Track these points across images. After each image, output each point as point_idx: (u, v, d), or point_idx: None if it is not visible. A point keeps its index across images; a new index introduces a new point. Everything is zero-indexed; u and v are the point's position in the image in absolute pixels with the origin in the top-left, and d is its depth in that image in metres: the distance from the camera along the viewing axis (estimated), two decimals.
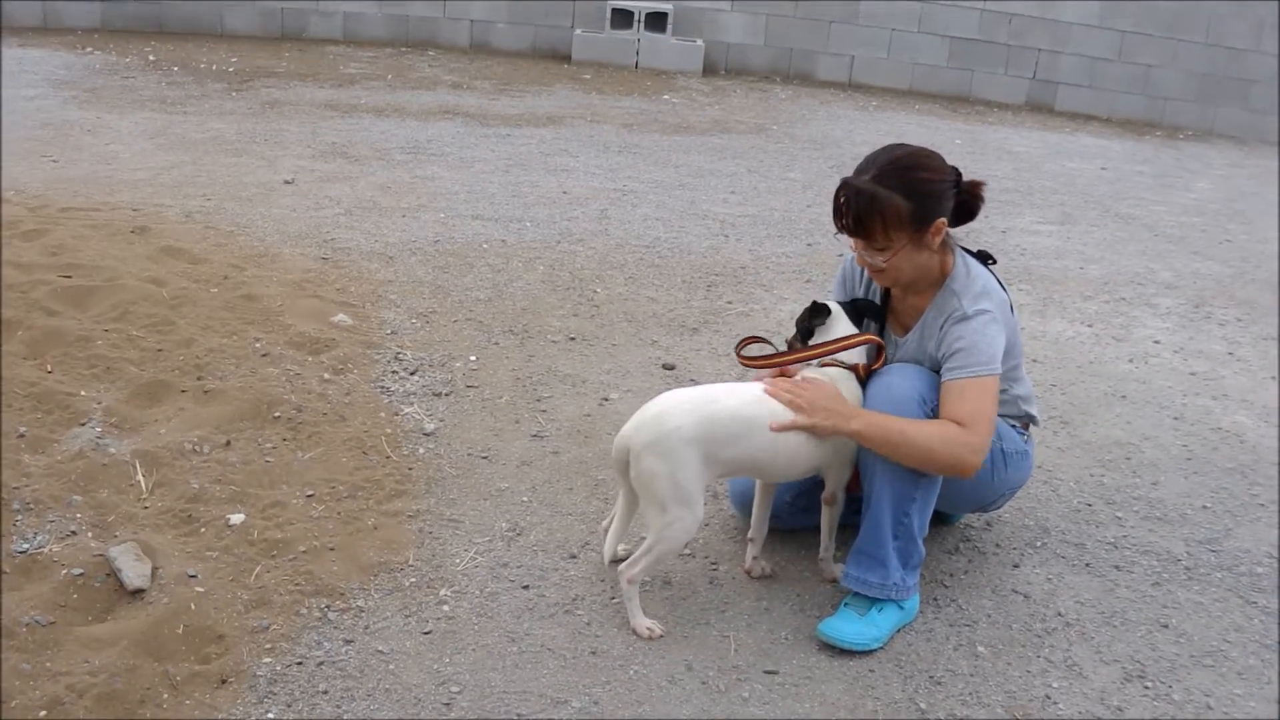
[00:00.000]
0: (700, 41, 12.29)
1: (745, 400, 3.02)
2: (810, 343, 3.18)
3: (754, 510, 3.28)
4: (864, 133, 10.05)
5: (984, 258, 3.24)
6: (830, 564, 3.31)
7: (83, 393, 3.85)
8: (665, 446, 2.90)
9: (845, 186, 3.00)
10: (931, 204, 2.99)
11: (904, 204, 2.96)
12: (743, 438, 2.98)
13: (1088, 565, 3.54)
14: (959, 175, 3.07)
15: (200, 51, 10.89)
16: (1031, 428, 3.41)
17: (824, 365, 3.13)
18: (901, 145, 3.10)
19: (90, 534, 3.16)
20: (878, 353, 3.19)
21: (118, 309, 4.43)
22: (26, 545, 3.05)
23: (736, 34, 12.52)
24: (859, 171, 3.02)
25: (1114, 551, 3.64)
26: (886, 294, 3.30)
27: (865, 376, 3.12)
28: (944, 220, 3.02)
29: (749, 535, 3.31)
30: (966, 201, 3.08)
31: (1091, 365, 5.21)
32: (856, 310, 3.24)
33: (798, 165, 8.68)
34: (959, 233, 3.16)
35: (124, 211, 5.87)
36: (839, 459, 3.12)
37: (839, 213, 3.02)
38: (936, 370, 3.07)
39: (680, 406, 2.97)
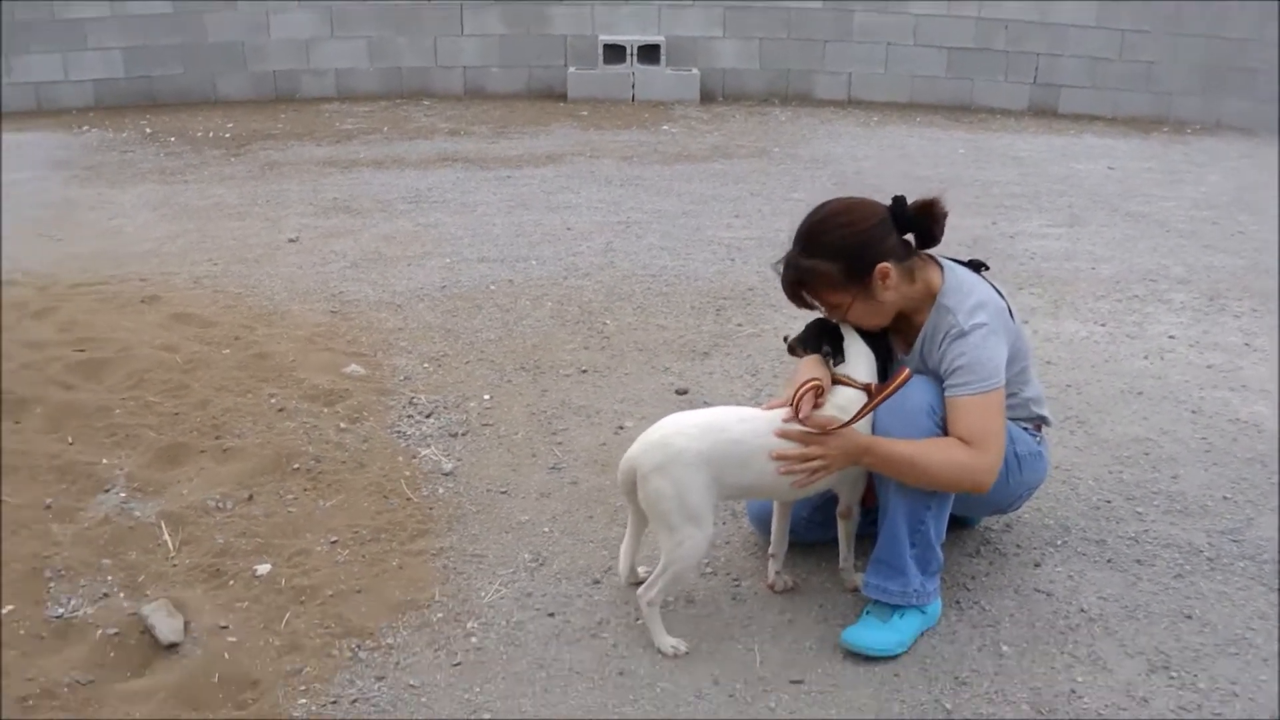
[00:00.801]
0: (695, 70, 12.34)
1: (754, 429, 3.02)
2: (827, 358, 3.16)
3: (773, 527, 3.30)
4: (866, 148, 10.07)
5: (976, 266, 3.23)
6: (851, 573, 3.33)
7: (104, 461, 3.91)
8: (672, 469, 2.92)
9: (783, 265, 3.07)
10: (861, 256, 2.99)
11: (830, 266, 2.99)
12: (751, 464, 2.99)
13: (1109, 561, 3.55)
14: (899, 206, 3.05)
15: (195, 120, 10.98)
16: (1044, 428, 3.39)
17: (836, 384, 3.10)
18: (822, 205, 3.10)
19: (122, 595, 3.23)
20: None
21: (133, 378, 4.51)
22: (61, 610, 3.12)
23: (731, 60, 12.56)
24: (792, 243, 3.08)
25: (1135, 546, 3.64)
26: None
27: (877, 395, 3.03)
28: (887, 265, 2.99)
29: (770, 551, 3.33)
30: (923, 224, 3.07)
31: (1106, 364, 5.20)
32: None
33: (801, 185, 8.67)
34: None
35: (132, 283, 5.95)
36: (850, 478, 3.14)
37: (784, 291, 3.10)
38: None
39: (686, 431, 2.98)
